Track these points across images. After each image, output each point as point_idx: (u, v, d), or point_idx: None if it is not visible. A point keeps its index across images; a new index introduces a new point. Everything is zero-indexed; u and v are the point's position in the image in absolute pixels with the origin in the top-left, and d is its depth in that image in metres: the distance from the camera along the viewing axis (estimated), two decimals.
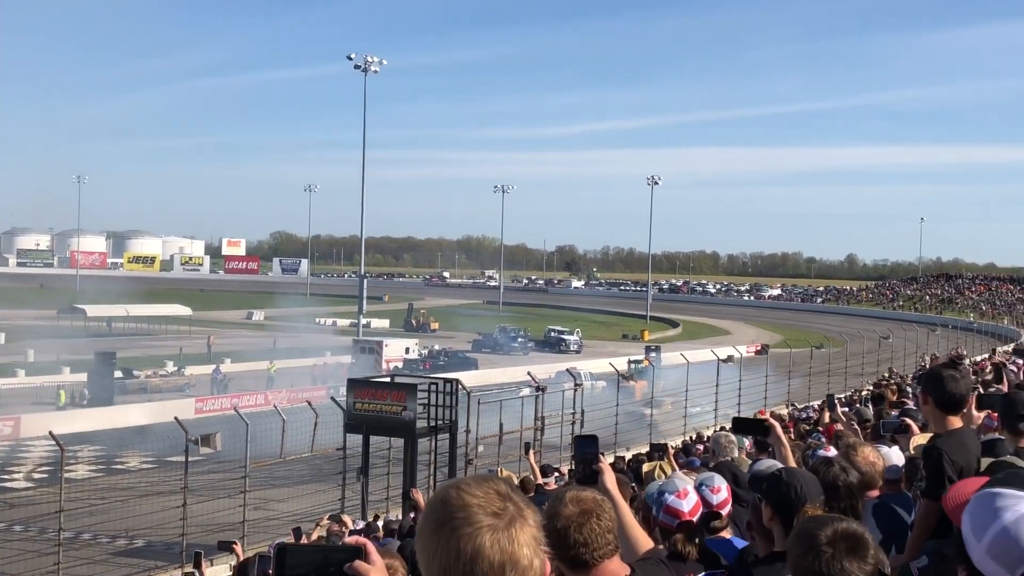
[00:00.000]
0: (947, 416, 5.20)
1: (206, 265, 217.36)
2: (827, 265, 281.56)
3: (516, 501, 2.07)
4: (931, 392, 5.25)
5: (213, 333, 75.90)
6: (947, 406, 5.18)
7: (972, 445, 5.03)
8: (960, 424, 5.23)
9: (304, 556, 2.10)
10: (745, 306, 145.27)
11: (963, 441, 5.01)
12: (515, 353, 78.11)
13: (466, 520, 2.01)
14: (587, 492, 3.74)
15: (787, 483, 4.40)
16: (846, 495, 4.63)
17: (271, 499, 28.22)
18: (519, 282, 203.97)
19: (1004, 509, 2.22)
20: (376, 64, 74.58)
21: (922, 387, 5.55)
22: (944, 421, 5.20)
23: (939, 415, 5.22)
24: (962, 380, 5.23)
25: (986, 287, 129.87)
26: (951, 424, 5.19)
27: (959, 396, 5.18)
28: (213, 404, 46.75)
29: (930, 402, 5.26)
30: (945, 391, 5.16)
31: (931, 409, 5.29)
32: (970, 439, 5.13)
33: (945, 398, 5.17)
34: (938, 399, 5.19)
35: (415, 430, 24.97)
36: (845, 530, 2.95)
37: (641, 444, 28.98)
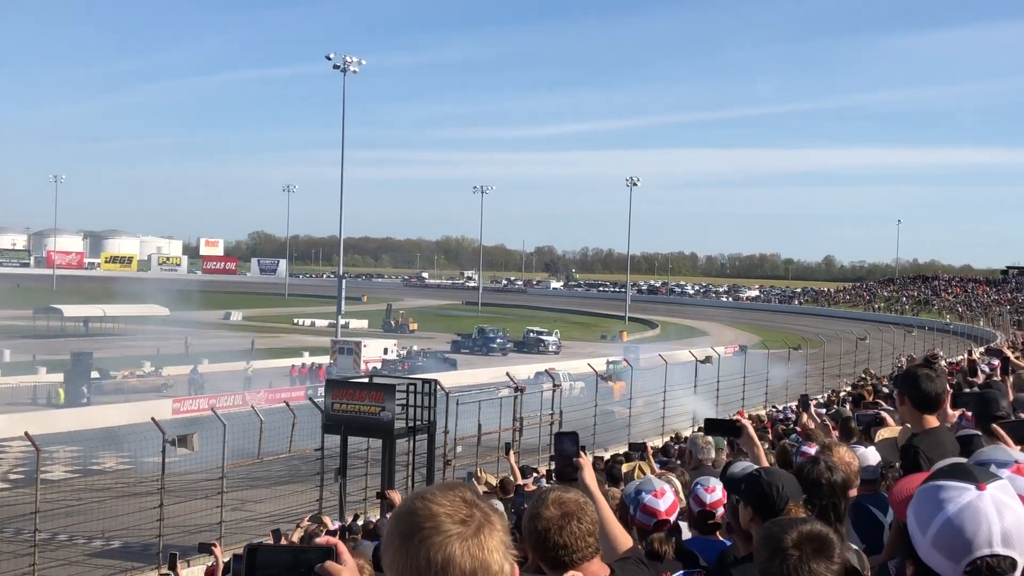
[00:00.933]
0: (923, 415, 5.22)
1: (184, 265, 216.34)
2: (805, 266, 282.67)
3: (482, 507, 2.07)
4: (907, 391, 5.28)
5: (190, 333, 75.55)
6: (923, 405, 5.21)
7: (949, 443, 5.07)
8: (937, 423, 5.26)
9: (275, 556, 2.10)
10: (723, 307, 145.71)
11: (939, 440, 5.04)
12: (494, 354, 78.15)
13: (435, 530, 2.01)
14: (570, 494, 3.73)
15: (768, 483, 4.36)
16: (829, 493, 4.64)
17: (249, 500, 28.11)
18: (498, 283, 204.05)
19: (947, 501, 2.25)
20: (355, 64, 74.41)
21: (898, 387, 5.58)
22: (921, 420, 5.23)
23: (916, 414, 5.26)
24: (937, 379, 5.26)
25: (962, 289, 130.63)
26: (928, 423, 5.21)
27: (935, 395, 5.22)
28: (190, 405, 46.52)
29: (907, 402, 5.29)
30: (921, 390, 5.19)
31: (908, 408, 5.31)
32: (946, 437, 5.17)
33: (921, 397, 5.20)
34: (914, 398, 5.22)
35: (393, 431, 24.93)
36: (810, 532, 2.95)
37: (619, 445, 29.01)
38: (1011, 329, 79.63)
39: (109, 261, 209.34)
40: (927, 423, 5.22)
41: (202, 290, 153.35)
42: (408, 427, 25.63)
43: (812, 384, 42.98)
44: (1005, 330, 78.09)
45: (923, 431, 5.20)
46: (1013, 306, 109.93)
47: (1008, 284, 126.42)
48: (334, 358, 63.28)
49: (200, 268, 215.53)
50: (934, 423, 5.25)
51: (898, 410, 5.82)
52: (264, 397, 48.08)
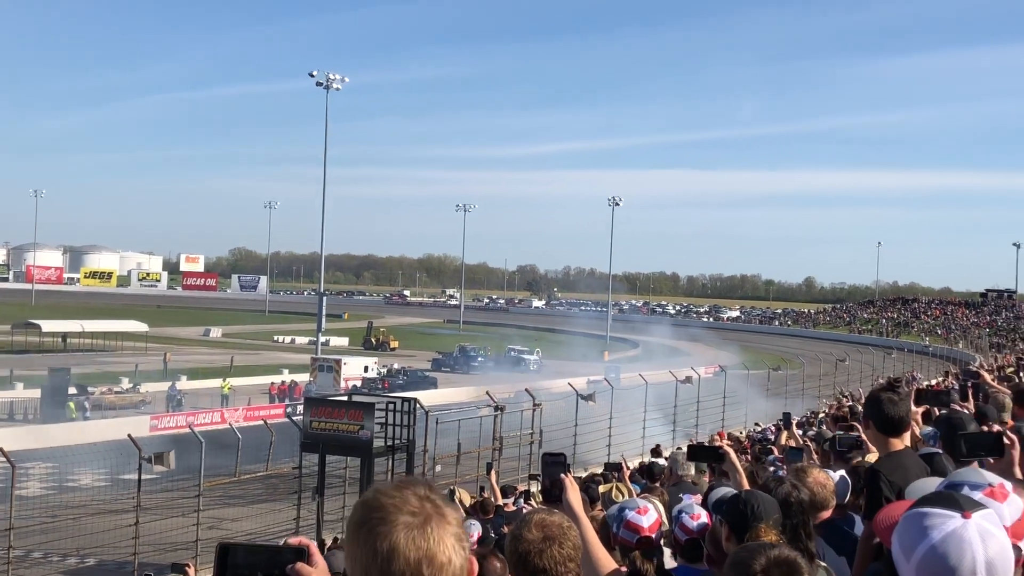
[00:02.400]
0: (888, 439, 5.24)
1: (164, 281, 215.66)
2: (785, 288, 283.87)
3: (435, 501, 2.10)
4: (871, 415, 5.30)
5: (169, 350, 75.22)
6: (887, 428, 5.22)
7: (913, 466, 5.08)
8: (901, 446, 5.27)
9: (247, 556, 2.09)
10: (704, 327, 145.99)
11: (903, 463, 5.06)
12: (475, 372, 78.04)
13: (382, 520, 2.05)
14: (554, 517, 3.72)
15: (744, 502, 4.42)
16: (797, 512, 4.64)
17: (225, 518, 27.91)
18: (480, 301, 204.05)
19: (932, 528, 2.25)
20: (338, 81, 74.39)
21: (863, 410, 5.60)
22: (886, 443, 5.25)
23: (880, 438, 5.28)
24: (901, 403, 5.28)
25: (942, 311, 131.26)
26: (892, 446, 5.23)
27: (898, 418, 5.24)
28: (168, 421, 46.24)
29: (871, 425, 5.32)
30: (885, 414, 5.21)
31: (872, 432, 5.35)
32: (911, 460, 5.19)
33: (885, 421, 5.21)
34: (878, 422, 5.24)
35: (372, 449, 24.86)
36: (778, 556, 2.94)
37: (598, 464, 28.98)
38: (989, 352, 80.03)
39: (89, 276, 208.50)
40: (892, 446, 5.25)
41: (182, 306, 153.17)
42: (387, 446, 25.58)
43: (792, 405, 43.04)
44: (984, 353, 78.46)
45: (887, 454, 5.23)
46: (992, 329, 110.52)
47: (987, 307, 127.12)
48: (314, 376, 63.07)
49: (180, 284, 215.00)
50: (899, 446, 5.27)
51: (863, 434, 5.84)
52: (242, 414, 47.93)
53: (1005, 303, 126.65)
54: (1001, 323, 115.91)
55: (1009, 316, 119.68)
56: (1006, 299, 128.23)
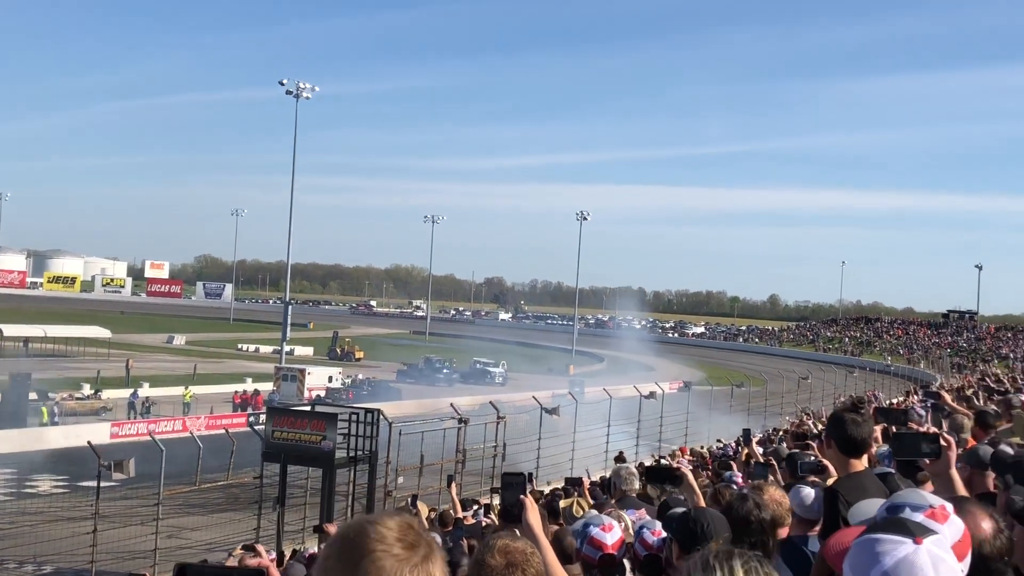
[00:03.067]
0: (849, 459, 5.24)
1: (128, 287, 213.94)
2: (750, 305, 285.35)
3: (428, 536, 2.09)
4: (833, 436, 5.30)
5: (132, 356, 74.65)
6: (849, 449, 5.23)
7: (872, 487, 5.09)
8: (861, 467, 5.29)
9: None
10: (669, 343, 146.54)
11: (862, 484, 5.06)
12: (440, 384, 77.88)
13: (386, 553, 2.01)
14: (518, 543, 3.71)
15: (694, 520, 4.45)
16: (758, 531, 4.67)
17: (185, 527, 27.71)
18: (446, 313, 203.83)
19: (884, 554, 2.28)
20: (308, 90, 74.30)
21: (825, 430, 5.61)
22: (846, 464, 5.26)
23: (841, 458, 5.28)
24: (864, 424, 5.29)
25: (904, 331, 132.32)
26: (852, 467, 5.23)
27: (861, 439, 5.24)
28: (129, 429, 45.91)
29: (833, 445, 5.32)
30: (847, 434, 5.21)
31: (834, 452, 5.34)
32: (870, 482, 5.18)
33: (847, 441, 5.22)
34: (840, 443, 5.25)
35: (334, 460, 24.77)
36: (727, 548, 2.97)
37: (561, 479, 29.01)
38: (951, 372, 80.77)
39: (52, 281, 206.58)
40: (852, 467, 5.24)
41: (146, 313, 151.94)
42: (349, 457, 25.48)
43: (754, 422, 43.25)
44: (945, 373, 79.17)
45: (846, 475, 5.22)
46: (953, 350, 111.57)
47: (948, 328, 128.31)
48: (277, 385, 62.75)
49: (144, 290, 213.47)
50: (859, 467, 5.26)
51: (825, 453, 5.86)
52: (204, 423, 47.61)
53: (966, 324, 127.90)
54: (962, 344, 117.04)
55: (970, 337, 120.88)
56: (967, 320, 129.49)
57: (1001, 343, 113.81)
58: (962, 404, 14.49)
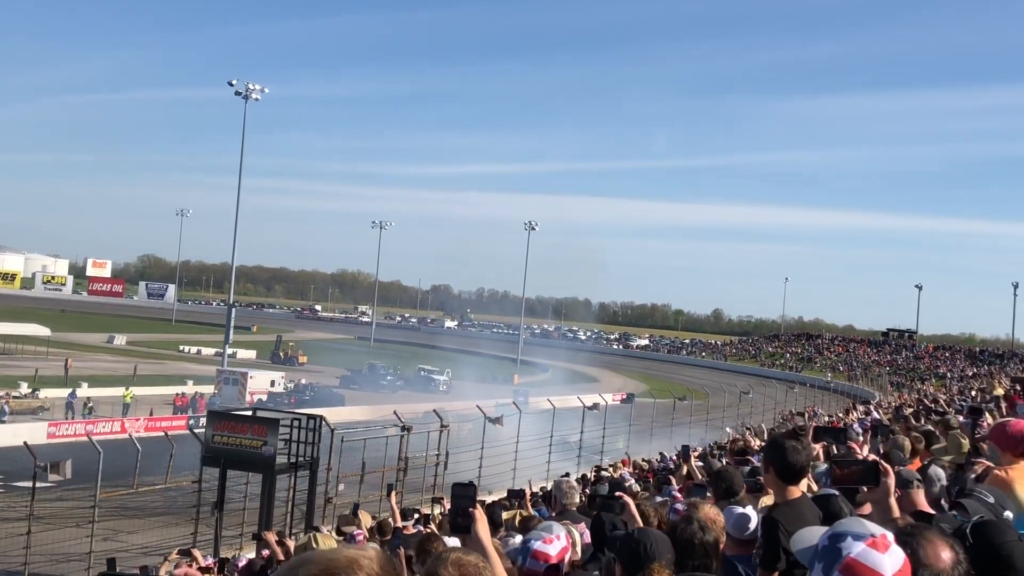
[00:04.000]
0: (787, 486, 5.26)
1: (69, 285, 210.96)
2: (694, 318, 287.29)
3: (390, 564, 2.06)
4: (772, 461, 5.32)
5: (71, 356, 73.61)
6: (787, 476, 5.25)
7: (809, 514, 5.10)
8: (799, 493, 5.31)
9: None
10: (614, 354, 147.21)
11: (800, 511, 5.06)
12: (384, 391, 77.61)
13: None
14: (471, 556, 3.70)
15: (637, 541, 4.45)
16: (701, 554, 4.68)
17: (121, 530, 27.38)
18: (392, 319, 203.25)
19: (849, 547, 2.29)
20: (257, 92, 73.77)
21: (764, 455, 5.62)
22: (784, 491, 5.27)
23: (779, 484, 5.29)
24: (803, 451, 5.32)
25: (844, 348, 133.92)
26: (790, 494, 5.24)
27: (799, 467, 5.26)
28: (67, 429, 45.27)
29: (771, 471, 5.33)
30: (787, 461, 5.23)
31: (772, 478, 5.35)
32: (808, 508, 5.20)
33: (786, 468, 5.24)
34: (779, 469, 5.27)
35: (275, 466, 24.59)
36: None
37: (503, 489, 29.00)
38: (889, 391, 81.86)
39: None
40: (790, 494, 5.25)
41: (87, 312, 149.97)
42: (290, 463, 25.32)
43: (695, 435, 43.57)
44: (884, 391, 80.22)
45: (785, 502, 5.23)
46: (892, 368, 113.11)
47: (888, 346, 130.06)
48: (218, 388, 62.20)
49: (86, 289, 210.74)
50: (796, 493, 5.28)
51: (763, 478, 5.89)
52: (144, 425, 47.11)
53: (905, 343, 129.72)
54: (901, 362, 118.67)
55: (909, 356, 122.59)
56: (907, 339, 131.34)
57: (939, 362, 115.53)
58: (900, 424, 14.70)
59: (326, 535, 11.51)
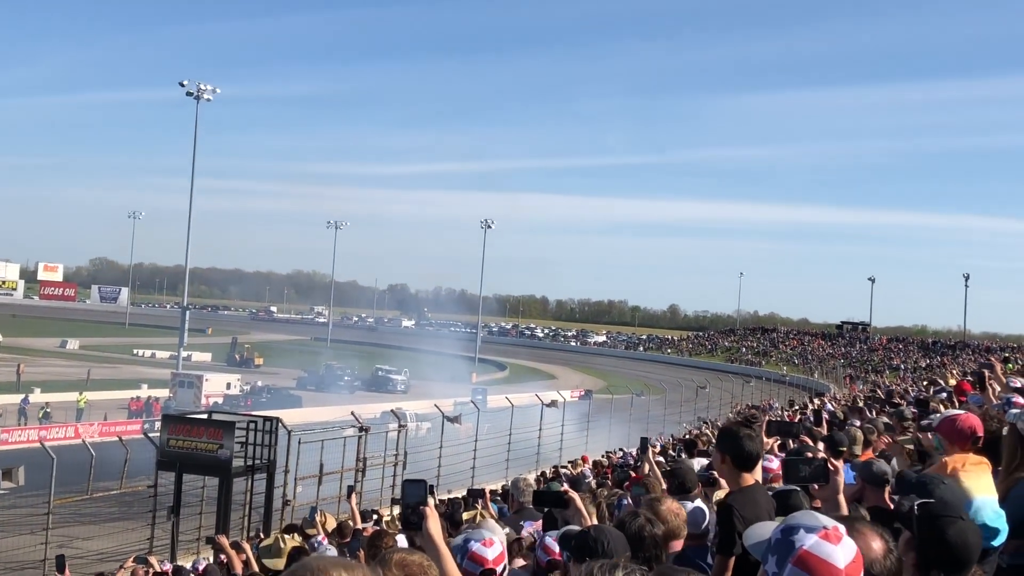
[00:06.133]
0: (742, 473, 5.36)
1: (20, 290, 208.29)
2: (650, 314, 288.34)
3: None
4: (727, 450, 5.40)
5: (23, 361, 72.69)
6: (742, 464, 5.35)
7: (764, 501, 5.21)
8: (752, 481, 5.41)
9: None
10: (571, 351, 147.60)
11: (754, 497, 5.18)
12: (341, 392, 77.31)
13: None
14: (414, 556, 3.68)
15: (594, 539, 4.45)
16: (651, 546, 4.70)
17: (76, 537, 27.04)
18: (349, 319, 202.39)
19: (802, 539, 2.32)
20: (209, 92, 73.21)
21: (718, 444, 5.70)
22: (739, 478, 5.37)
23: (734, 472, 5.39)
24: (757, 438, 5.41)
25: (799, 342, 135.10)
26: (745, 481, 5.36)
27: (755, 454, 5.37)
28: (19, 436, 44.72)
29: (727, 460, 5.41)
30: (742, 449, 5.32)
31: (727, 467, 5.45)
32: (762, 495, 5.31)
33: (741, 456, 5.33)
34: (734, 457, 5.35)
35: (231, 469, 24.42)
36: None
37: (461, 488, 29.00)
38: (846, 382, 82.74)
39: None
40: (744, 481, 5.36)
41: (38, 316, 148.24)
42: (247, 466, 25.15)
43: (653, 430, 43.77)
44: (838, 383, 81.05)
45: (739, 489, 5.32)
46: (846, 360, 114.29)
47: (842, 339, 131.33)
48: (173, 392, 61.69)
49: (37, 293, 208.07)
50: (750, 481, 5.39)
51: (716, 467, 5.96)
52: (98, 430, 46.63)
53: (859, 335, 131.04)
54: (855, 355, 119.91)
55: (863, 348, 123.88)
56: (860, 331, 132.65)
57: (892, 354, 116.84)
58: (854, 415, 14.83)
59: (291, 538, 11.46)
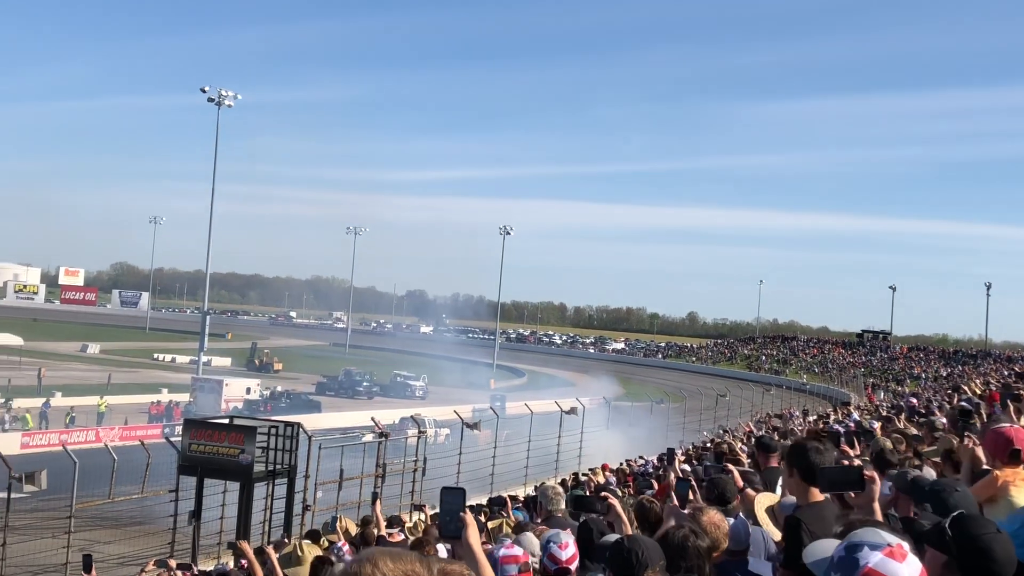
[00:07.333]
0: (810, 488, 5.25)
1: (41, 294, 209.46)
2: (669, 321, 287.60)
3: None
4: (796, 464, 5.29)
5: (44, 365, 73.04)
6: (811, 478, 5.24)
7: (831, 517, 5.08)
8: (821, 497, 5.28)
9: None
10: (589, 358, 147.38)
11: (823, 513, 5.06)
12: (360, 397, 77.52)
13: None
14: (455, 565, 3.63)
15: (628, 549, 4.40)
16: (694, 556, 4.64)
17: (98, 541, 27.06)
18: (367, 325, 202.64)
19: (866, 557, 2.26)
20: (230, 98, 73.52)
21: (787, 459, 5.58)
22: (807, 493, 5.26)
23: (803, 487, 5.28)
24: (827, 452, 5.30)
25: (819, 350, 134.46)
26: (813, 496, 5.25)
27: (819, 468, 5.24)
28: (40, 439, 44.91)
29: (795, 474, 5.30)
30: (811, 463, 5.23)
31: (796, 481, 5.32)
32: (829, 511, 5.18)
33: (810, 470, 5.23)
34: (803, 471, 5.24)
35: (252, 474, 24.42)
36: None
37: (482, 494, 28.94)
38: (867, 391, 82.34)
39: None
40: (812, 496, 5.24)
41: (59, 320, 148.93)
42: (268, 471, 25.16)
43: (672, 438, 43.61)
44: (859, 392, 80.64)
45: (807, 504, 5.21)
46: (867, 369, 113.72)
47: (863, 348, 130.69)
48: (194, 396, 61.87)
49: (59, 298, 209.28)
50: (819, 497, 5.26)
51: (785, 481, 5.85)
52: (118, 434, 46.76)
53: (880, 344, 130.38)
54: (876, 363, 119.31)
55: (884, 357, 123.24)
56: (881, 340, 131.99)
57: (913, 363, 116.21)
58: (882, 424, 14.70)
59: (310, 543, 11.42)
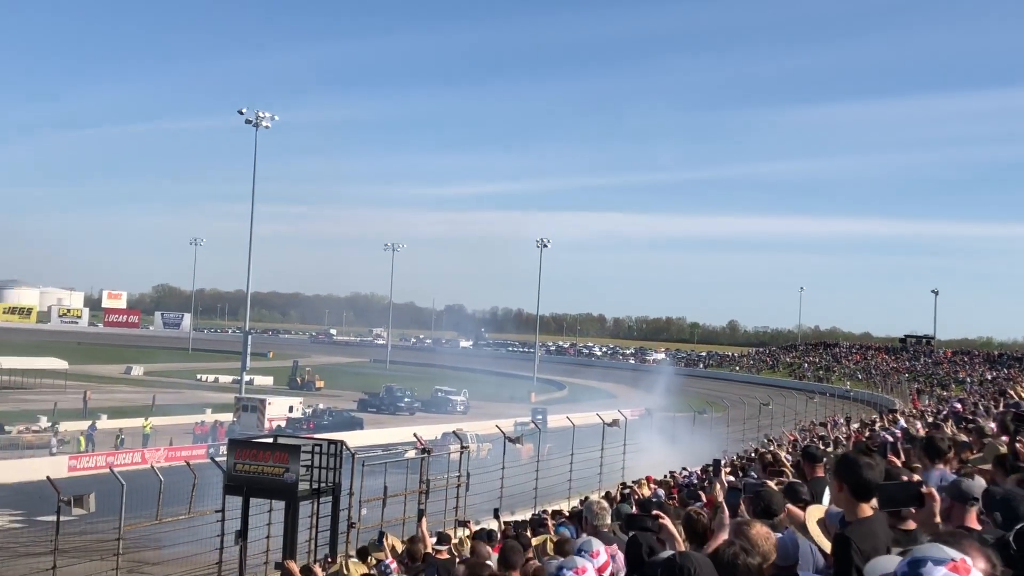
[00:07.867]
0: (860, 503, 5.15)
1: (85, 317, 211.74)
2: (709, 331, 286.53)
3: None
4: (845, 479, 5.19)
5: (89, 388, 73.75)
6: (861, 493, 5.15)
7: (882, 533, 4.97)
8: (871, 512, 5.17)
9: None
10: (630, 369, 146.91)
11: (873, 529, 4.94)
12: (401, 413, 77.72)
13: None
14: None
15: (681, 566, 4.35)
16: (745, 574, 4.59)
17: (145, 562, 27.34)
18: (407, 341, 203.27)
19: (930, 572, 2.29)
20: (268, 119, 74.07)
21: (836, 473, 5.47)
22: (856, 508, 5.15)
23: (852, 502, 5.17)
24: (877, 467, 5.19)
25: (862, 356, 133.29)
26: (862, 512, 5.13)
27: (874, 483, 5.14)
28: (87, 462, 45.31)
29: (844, 489, 5.18)
30: (861, 478, 5.13)
31: (845, 496, 5.21)
32: (880, 527, 5.06)
33: (860, 485, 5.13)
34: (853, 486, 5.15)
35: (297, 493, 24.49)
36: None
37: (526, 509, 28.91)
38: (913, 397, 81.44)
39: (8, 312, 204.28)
40: (862, 512, 5.14)
41: (103, 343, 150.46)
42: (312, 489, 25.22)
43: (716, 449, 43.36)
44: (904, 398, 79.81)
45: (856, 520, 5.10)
46: (911, 374, 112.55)
47: (906, 353, 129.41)
48: (237, 416, 62.17)
49: (102, 321, 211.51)
50: (868, 512, 5.15)
51: (833, 496, 5.76)
52: (164, 455, 47.11)
53: (923, 349, 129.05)
54: (920, 368, 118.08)
55: (928, 362, 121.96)
56: (924, 345, 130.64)
57: (958, 367, 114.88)
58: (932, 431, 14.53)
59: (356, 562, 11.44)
